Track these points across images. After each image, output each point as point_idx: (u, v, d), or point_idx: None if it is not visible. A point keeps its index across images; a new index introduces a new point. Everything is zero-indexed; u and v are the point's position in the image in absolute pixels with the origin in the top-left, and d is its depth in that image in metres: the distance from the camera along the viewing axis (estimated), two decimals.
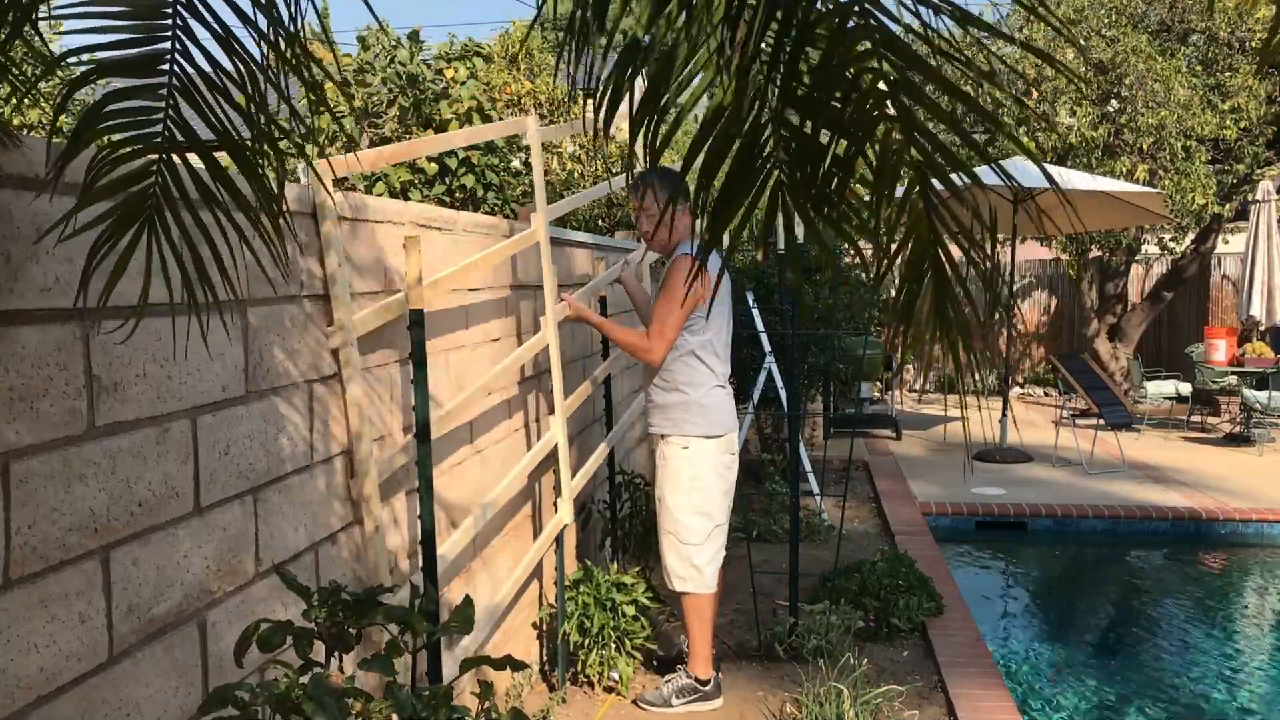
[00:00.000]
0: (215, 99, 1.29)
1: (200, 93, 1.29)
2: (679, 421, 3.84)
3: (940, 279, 1.28)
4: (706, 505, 3.86)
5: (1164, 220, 10.35)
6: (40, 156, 1.54)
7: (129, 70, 1.25)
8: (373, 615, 1.86)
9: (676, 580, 3.90)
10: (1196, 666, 5.10)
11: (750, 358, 7.43)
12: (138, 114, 1.27)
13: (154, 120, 1.28)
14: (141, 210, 1.31)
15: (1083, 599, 6.49)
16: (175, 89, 1.27)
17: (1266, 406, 9.89)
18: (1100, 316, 13.45)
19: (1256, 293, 10.98)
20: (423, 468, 2.74)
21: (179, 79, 1.27)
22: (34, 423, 1.52)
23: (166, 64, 1.25)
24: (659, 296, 3.79)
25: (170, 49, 1.25)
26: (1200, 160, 10.90)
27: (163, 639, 1.81)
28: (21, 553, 1.49)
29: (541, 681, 4.09)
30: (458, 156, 5.83)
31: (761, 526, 6.45)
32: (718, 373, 3.88)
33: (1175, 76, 10.65)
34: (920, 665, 4.43)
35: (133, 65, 1.25)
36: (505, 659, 2.01)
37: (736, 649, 4.58)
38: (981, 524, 7.40)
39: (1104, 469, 8.78)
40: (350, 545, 2.56)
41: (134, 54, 1.25)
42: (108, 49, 1.24)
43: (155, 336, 1.80)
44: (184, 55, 1.26)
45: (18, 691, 1.48)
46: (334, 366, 2.47)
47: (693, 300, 3.73)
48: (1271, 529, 7.27)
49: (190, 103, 1.30)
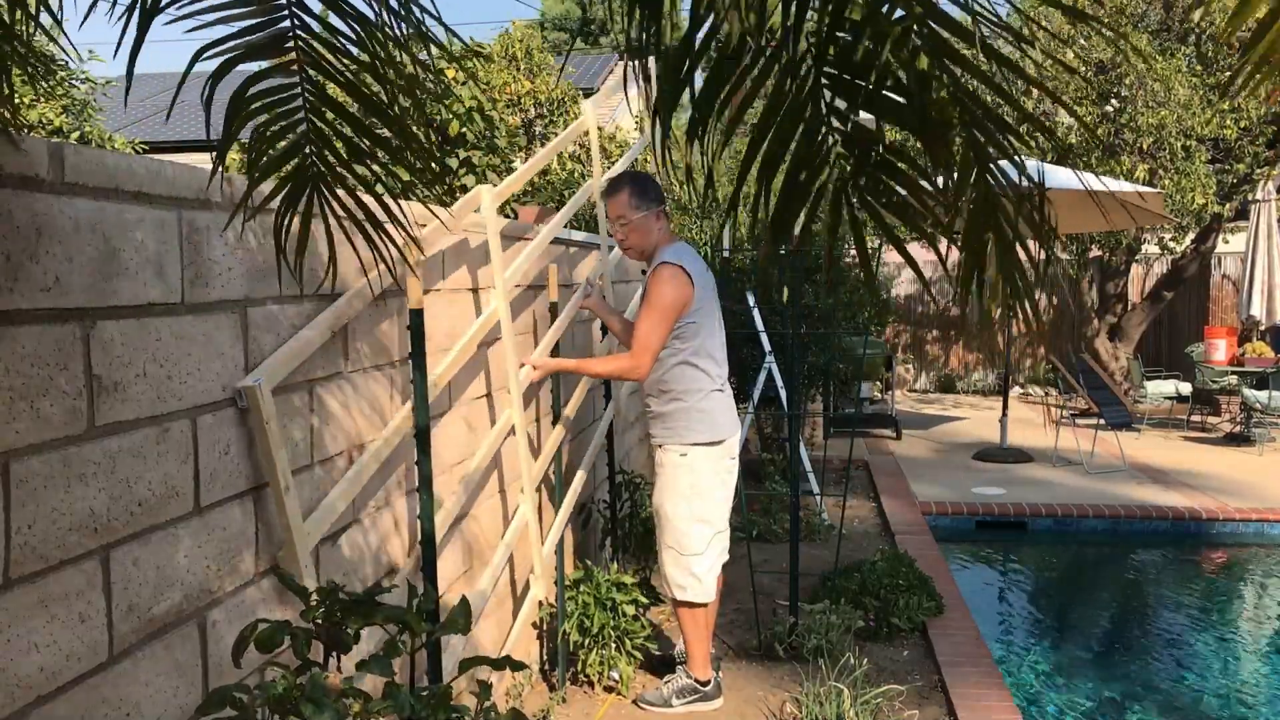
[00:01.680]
0: (341, 62, 1.36)
1: (328, 61, 1.35)
2: (678, 430, 3.77)
3: (1003, 242, 1.26)
4: (705, 512, 3.81)
5: (1164, 220, 10.34)
6: (41, 156, 1.54)
7: (258, 53, 1.32)
8: (372, 615, 1.86)
9: (676, 589, 3.86)
10: (1197, 666, 5.10)
11: (750, 357, 7.44)
12: (276, 92, 1.36)
13: (293, 95, 1.36)
14: (305, 181, 1.40)
15: (1083, 599, 6.49)
16: (305, 63, 1.33)
17: (1266, 406, 9.89)
18: (1100, 316, 13.45)
19: (1256, 292, 10.97)
20: (422, 468, 2.74)
21: (305, 52, 1.33)
22: (34, 422, 1.52)
23: (290, 40, 1.32)
24: (641, 309, 3.69)
25: (291, 26, 1.31)
26: (1200, 160, 10.89)
27: (163, 639, 1.81)
28: (21, 553, 1.49)
29: (541, 681, 4.09)
30: (458, 156, 5.83)
31: (761, 526, 6.45)
32: (714, 376, 3.80)
33: (1175, 76, 10.64)
34: (920, 665, 4.43)
35: (261, 47, 1.31)
36: (505, 659, 2.01)
37: (737, 648, 4.58)
38: (982, 524, 7.40)
39: (1104, 469, 8.78)
40: (351, 545, 2.56)
41: (260, 36, 1.31)
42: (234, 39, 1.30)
43: (155, 336, 1.80)
44: (304, 28, 1.32)
45: (18, 691, 1.48)
46: (334, 367, 2.47)
47: (676, 310, 3.65)
48: (1272, 529, 7.27)
49: (322, 73, 1.36)
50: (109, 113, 12.31)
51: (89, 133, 9.79)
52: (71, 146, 1.59)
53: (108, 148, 9.65)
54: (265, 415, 2.07)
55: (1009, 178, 1.27)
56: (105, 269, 1.67)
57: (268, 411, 2.08)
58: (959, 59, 1.17)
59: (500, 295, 3.38)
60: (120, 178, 1.70)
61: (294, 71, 1.34)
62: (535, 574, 3.82)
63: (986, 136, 1.21)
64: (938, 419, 11.99)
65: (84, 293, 1.62)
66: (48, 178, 1.55)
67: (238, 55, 1.29)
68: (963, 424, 11.53)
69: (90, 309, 1.64)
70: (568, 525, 4.16)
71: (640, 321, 3.66)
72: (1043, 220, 1.26)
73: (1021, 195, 1.25)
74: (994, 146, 1.22)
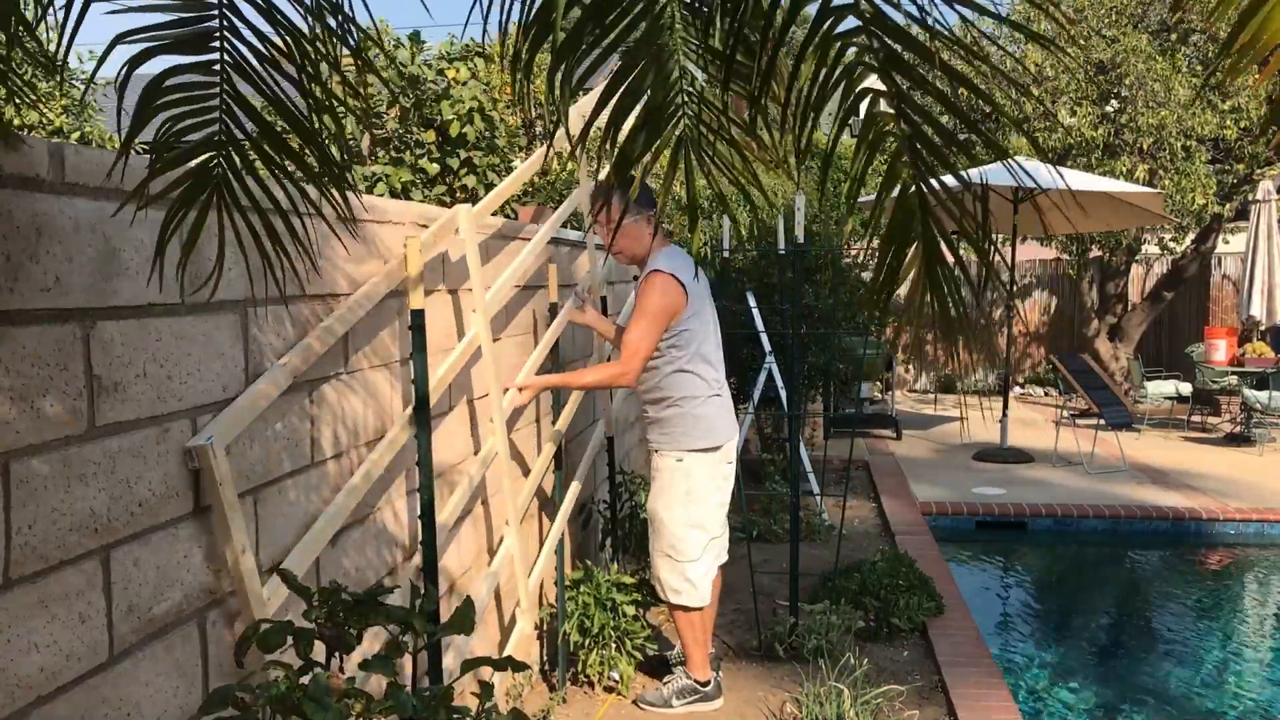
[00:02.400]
0: (266, 71, 1.35)
1: (251, 66, 1.35)
2: (675, 436, 3.77)
3: (930, 243, 1.28)
4: (701, 518, 3.81)
5: (1164, 220, 10.35)
6: (41, 156, 1.54)
7: (180, 48, 1.31)
8: (373, 616, 1.86)
9: (671, 593, 3.85)
10: (1197, 666, 5.10)
11: (750, 358, 7.43)
12: (194, 89, 1.34)
13: (210, 95, 1.34)
14: (208, 182, 1.38)
15: (1083, 599, 6.49)
16: (228, 65, 1.33)
17: (1267, 406, 9.89)
18: (1100, 316, 13.45)
19: (1256, 292, 10.97)
20: (423, 468, 2.74)
21: (230, 55, 1.33)
22: (34, 423, 1.52)
23: (216, 40, 1.32)
24: (632, 315, 3.70)
25: (219, 26, 1.31)
26: (1200, 160, 10.90)
27: (163, 639, 1.81)
28: (22, 553, 1.49)
29: (542, 681, 4.09)
30: (459, 157, 5.83)
31: (762, 526, 6.45)
32: (710, 380, 3.79)
33: (1175, 76, 10.65)
34: (920, 665, 4.43)
35: (184, 43, 1.31)
36: (505, 659, 2.01)
37: (737, 649, 4.58)
38: (982, 524, 7.39)
39: (1104, 469, 8.78)
40: (351, 546, 2.56)
41: (184, 32, 1.31)
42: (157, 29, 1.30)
43: (155, 336, 1.80)
44: (232, 31, 1.32)
45: (18, 691, 1.48)
46: (334, 367, 2.47)
47: (666, 316, 3.64)
48: (1272, 529, 7.27)
49: (244, 78, 1.36)
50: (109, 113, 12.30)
51: (89, 133, 9.80)
52: (72, 147, 1.59)
53: (108, 148, 9.65)
54: (219, 476, 1.89)
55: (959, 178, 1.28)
56: (105, 269, 1.67)
57: (221, 472, 1.89)
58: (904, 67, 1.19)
59: (481, 320, 3.23)
60: (120, 178, 1.70)
61: (215, 71, 1.33)
62: (522, 607, 3.73)
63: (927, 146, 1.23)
64: (938, 419, 11.99)
65: (84, 293, 1.62)
66: (48, 178, 1.55)
67: (159, 45, 1.30)
68: (963, 424, 11.53)
69: (90, 309, 1.64)
70: (566, 527, 4.15)
71: (630, 328, 3.66)
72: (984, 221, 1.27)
73: (952, 195, 1.26)
74: (935, 156, 1.24)
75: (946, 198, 1.25)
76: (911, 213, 1.26)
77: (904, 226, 1.28)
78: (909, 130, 1.22)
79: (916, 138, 1.22)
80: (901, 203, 1.27)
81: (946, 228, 1.27)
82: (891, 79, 1.20)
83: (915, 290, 1.31)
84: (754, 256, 8.13)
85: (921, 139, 1.23)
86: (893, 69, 1.19)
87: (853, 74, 1.22)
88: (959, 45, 1.17)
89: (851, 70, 1.22)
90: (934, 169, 1.24)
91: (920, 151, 1.23)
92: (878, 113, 1.25)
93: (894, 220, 1.28)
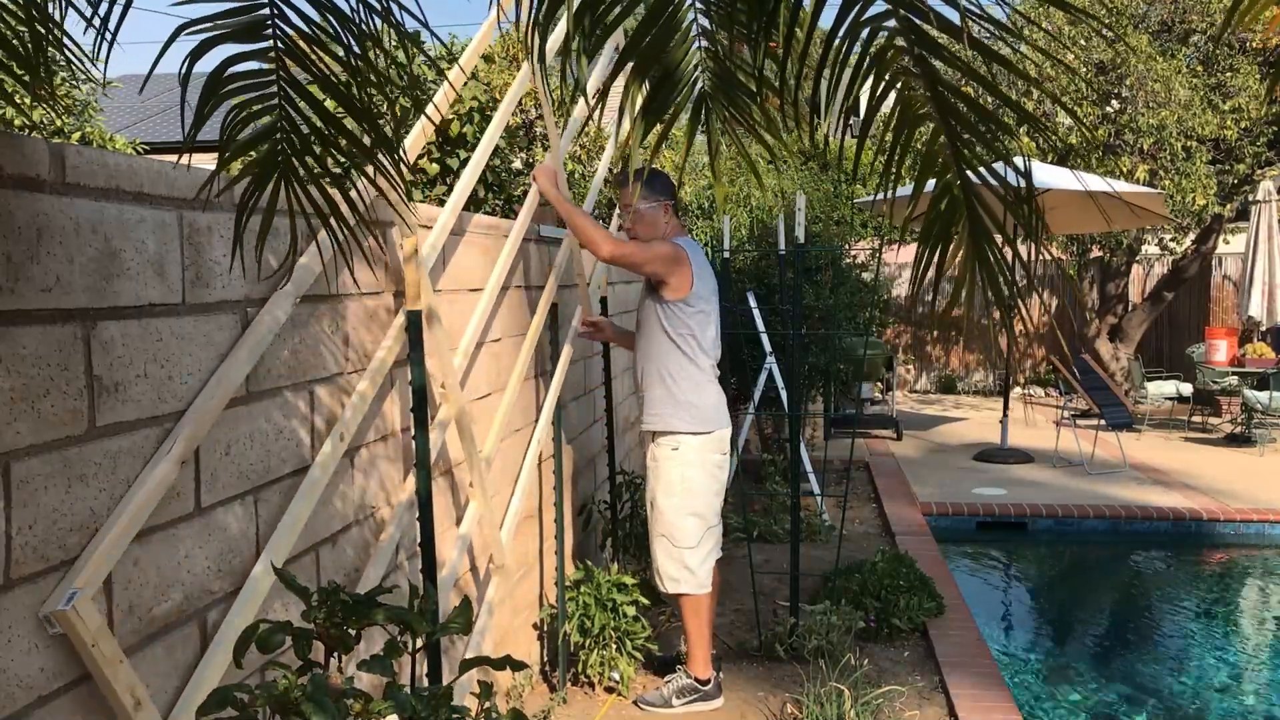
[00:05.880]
0: (315, 53, 1.42)
1: (301, 49, 1.41)
2: (667, 418, 3.86)
3: (975, 220, 1.29)
4: (697, 506, 3.86)
5: (1164, 220, 10.34)
6: (42, 156, 1.54)
7: (238, 37, 1.37)
8: (373, 616, 1.86)
9: (670, 582, 3.89)
10: (1197, 667, 5.10)
11: (751, 358, 7.44)
12: (252, 76, 1.41)
13: (268, 82, 1.41)
14: (274, 164, 1.45)
15: (1083, 599, 6.49)
16: (281, 51, 1.39)
17: (1267, 407, 9.89)
18: (1101, 317, 13.45)
19: (1257, 293, 10.96)
20: (421, 468, 2.74)
21: (282, 40, 1.39)
22: (35, 423, 1.52)
23: (269, 28, 1.38)
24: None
25: (270, 14, 1.37)
26: (1201, 160, 10.89)
27: (163, 639, 1.81)
28: (22, 553, 1.49)
29: (542, 682, 4.09)
30: (459, 157, 5.82)
31: (762, 526, 6.45)
32: (705, 368, 3.89)
33: (1175, 77, 10.64)
34: (921, 665, 4.43)
35: (240, 32, 1.37)
36: (505, 659, 2.01)
37: (737, 649, 4.58)
38: (982, 524, 7.40)
39: (1105, 469, 8.78)
40: (351, 546, 2.56)
41: (239, 21, 1.36)
42: (213, 20, 1.36)
43: (156, 337, 1.80)
44: (281, 18, 1.38)
45: (19, 691, 1.48)
46: (335, 367, 2.47)
47: (661, 263, 3.76)
48: (1273, 529, 7.27)
49: (296, 62, 1.42)
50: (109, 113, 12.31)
51: (90, 133, 9.79)
52: (72, 147, 1.59)
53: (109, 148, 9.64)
54: (89, 638, 1.51)
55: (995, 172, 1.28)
56: (106, 269, 1.67)
57: (90, 632, 1.51)
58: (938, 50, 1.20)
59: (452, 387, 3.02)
60: (121, 178, 1.70)
61: (272, 58, 1.39)
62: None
63: (965, 126, 1.24)
64: (938, 419, 11.99)
65: (85, 293, 1.62)
66: (49, 178, 1.55)
67: (216, 36, 1.34)
68: (963, 425, 11.53)
69: (91, 309, 1.64)
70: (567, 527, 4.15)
71: (632, 242, 3.82)
72: (1032, 215, 1.27)
73: (1008, 188, 1.27)
74: (974, 135, 1.25)
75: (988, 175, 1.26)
76: (950, 189, 1.27)
77: (948, 211, 1.30)
78: (943, 112, 1.23)
79: (952, 116, 1.23)
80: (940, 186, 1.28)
81: (990, 206, 1.29)
82: (926, 61, 1.21)
83: (963, 272, 1.33)
84: (754, 257, 8.13)
85: (958, 117, 1.24)
86: (923, 50, 1.20)
87: (884, 57, 1.23)
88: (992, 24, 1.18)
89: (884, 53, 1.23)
90: (973, 148, 1.25)
91: (958, 131, 1.24)
92: (911, 94, 1.25)
93: (933, 205, 1.30)
